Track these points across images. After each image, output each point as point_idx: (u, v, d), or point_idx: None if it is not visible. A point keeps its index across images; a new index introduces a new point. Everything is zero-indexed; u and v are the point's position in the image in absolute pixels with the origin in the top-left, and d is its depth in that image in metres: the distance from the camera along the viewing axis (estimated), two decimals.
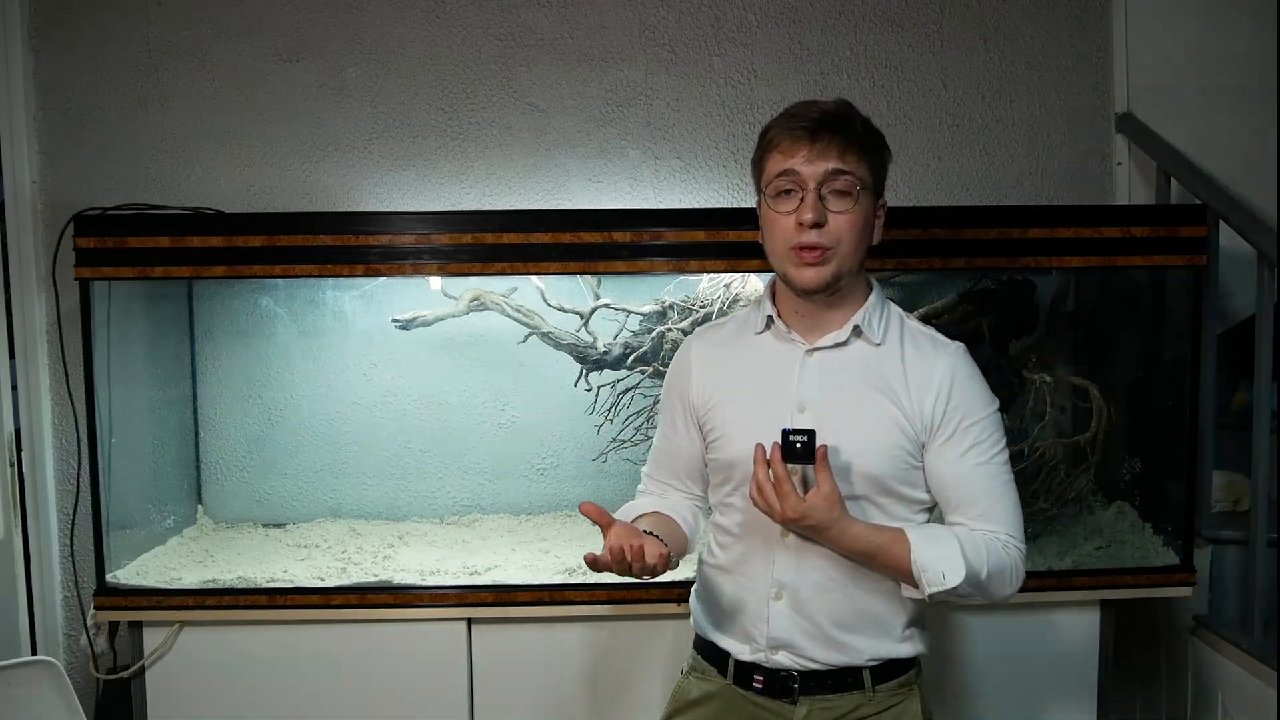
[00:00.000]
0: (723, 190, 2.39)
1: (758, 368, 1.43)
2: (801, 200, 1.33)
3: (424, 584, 2.02)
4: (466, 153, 2.38)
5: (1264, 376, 2.01)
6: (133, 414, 2.17)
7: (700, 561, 1.53)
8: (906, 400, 1.37)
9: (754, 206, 1.45)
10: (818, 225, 1.33)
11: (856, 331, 1.40)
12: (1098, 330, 2.33)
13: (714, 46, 2.39)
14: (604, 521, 1.32)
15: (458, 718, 2.02)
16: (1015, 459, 2.11)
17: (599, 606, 1.99)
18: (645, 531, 1.35)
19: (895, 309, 1.46)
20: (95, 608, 2.00)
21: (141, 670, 2.01)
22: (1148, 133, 2.33)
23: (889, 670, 1.42)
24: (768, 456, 1.31)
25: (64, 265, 2.09)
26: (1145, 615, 2.30)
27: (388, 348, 2.37)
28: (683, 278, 2.20)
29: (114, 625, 2.10)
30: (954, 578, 1.30)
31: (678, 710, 1.51)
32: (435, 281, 2.19)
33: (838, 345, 1.40)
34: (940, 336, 1.44)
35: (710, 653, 1.48)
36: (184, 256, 1.94)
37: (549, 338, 2.22)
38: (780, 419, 1.37)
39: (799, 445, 1.29)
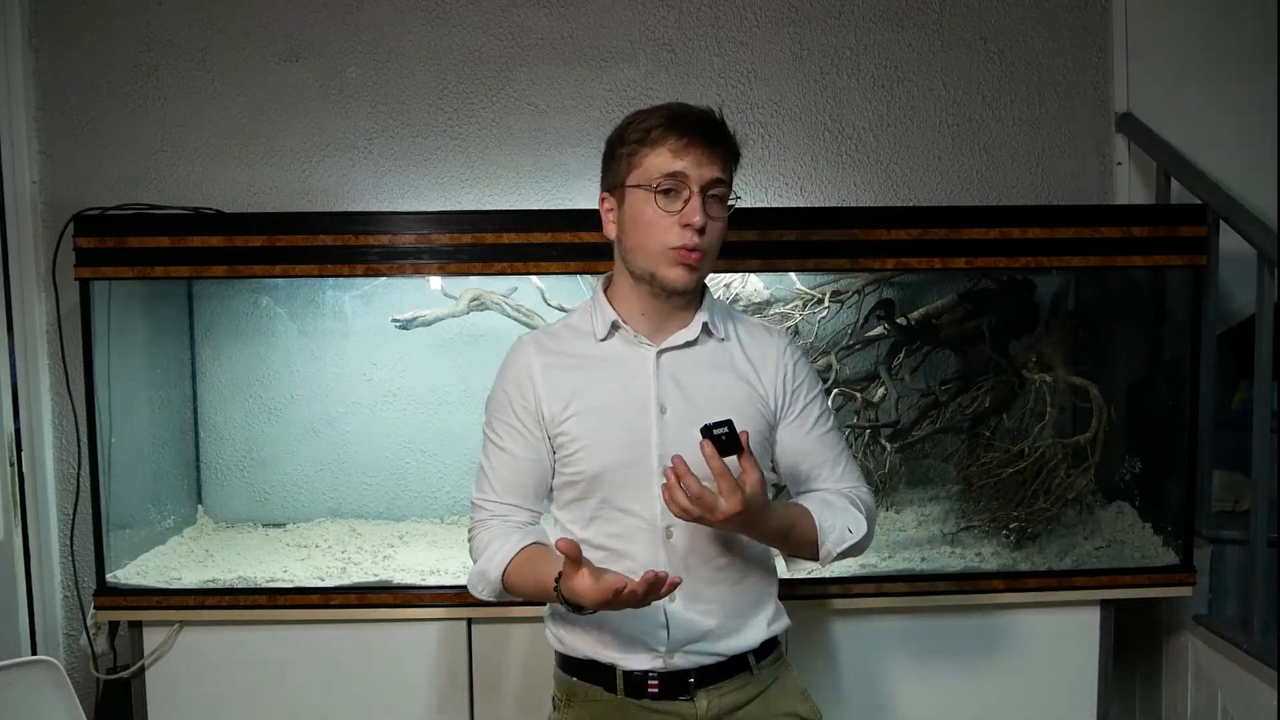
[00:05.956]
0: None
1: (608, 374, 1.41)
2: (687, 202, 1.35)
3: (424, 584, 2.02)
4: (466, 153, 2.38)
5: (1264, 376, 2.01)
6: (133, 414, 2.17)
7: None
8: (758, 383, 1.44)
9: (756, 207, 1.45)
10: (701, 230, 1.35)
11: (705, 329, 1.44)
12: (1098, 330, 2.33)
13: (714, 46, 2.39)
14: (577, 561, 1.23)
15: (458, 718, 2.02)
16: (1015, 459, 2.13)
17: None
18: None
19: (724, 304, 1.53)
20: (95, 608, 2.00)
21: (141, 670, 2.01)
22: (1148, 133, 2.33)
23: (765, 648, 1.46)
24: (686, 464, 1.23)
25: (64, 265, 2.09)
26: (1145, 615, 2.30)
27: (388, 348, 2.37)
28: None
29: (114, 625, 2.10)
30: (858, 530, 1.39)
31: None
32: (435, 281, 2.19)
33: (688, 344, 1.43)
34: (766, 323, 1.54)
35: (588, 672, 1.44)
36: (184, 256, 1.94)
37: None
38: (642, 424, 1.38)
39: (723, 438, 1.23)
